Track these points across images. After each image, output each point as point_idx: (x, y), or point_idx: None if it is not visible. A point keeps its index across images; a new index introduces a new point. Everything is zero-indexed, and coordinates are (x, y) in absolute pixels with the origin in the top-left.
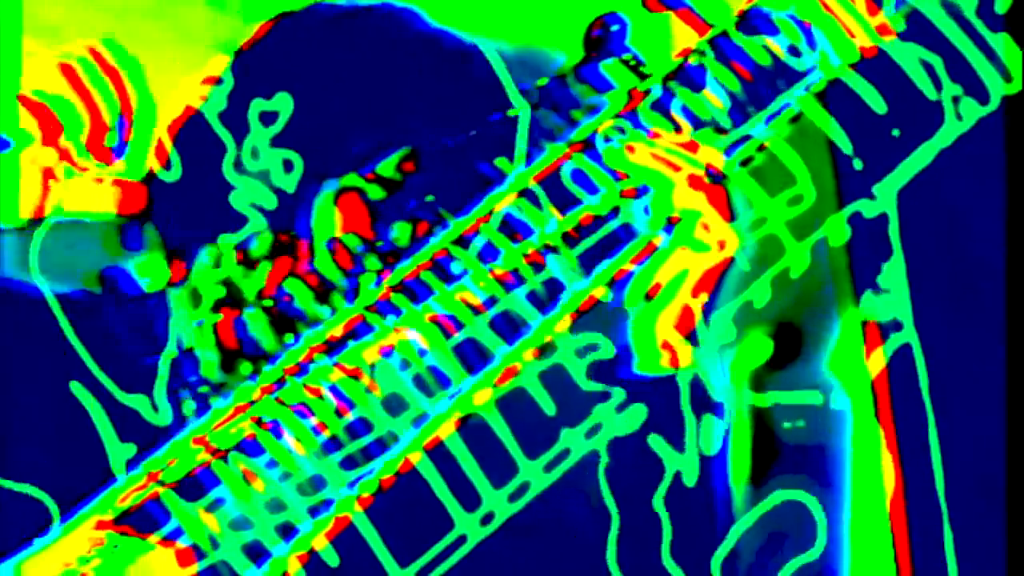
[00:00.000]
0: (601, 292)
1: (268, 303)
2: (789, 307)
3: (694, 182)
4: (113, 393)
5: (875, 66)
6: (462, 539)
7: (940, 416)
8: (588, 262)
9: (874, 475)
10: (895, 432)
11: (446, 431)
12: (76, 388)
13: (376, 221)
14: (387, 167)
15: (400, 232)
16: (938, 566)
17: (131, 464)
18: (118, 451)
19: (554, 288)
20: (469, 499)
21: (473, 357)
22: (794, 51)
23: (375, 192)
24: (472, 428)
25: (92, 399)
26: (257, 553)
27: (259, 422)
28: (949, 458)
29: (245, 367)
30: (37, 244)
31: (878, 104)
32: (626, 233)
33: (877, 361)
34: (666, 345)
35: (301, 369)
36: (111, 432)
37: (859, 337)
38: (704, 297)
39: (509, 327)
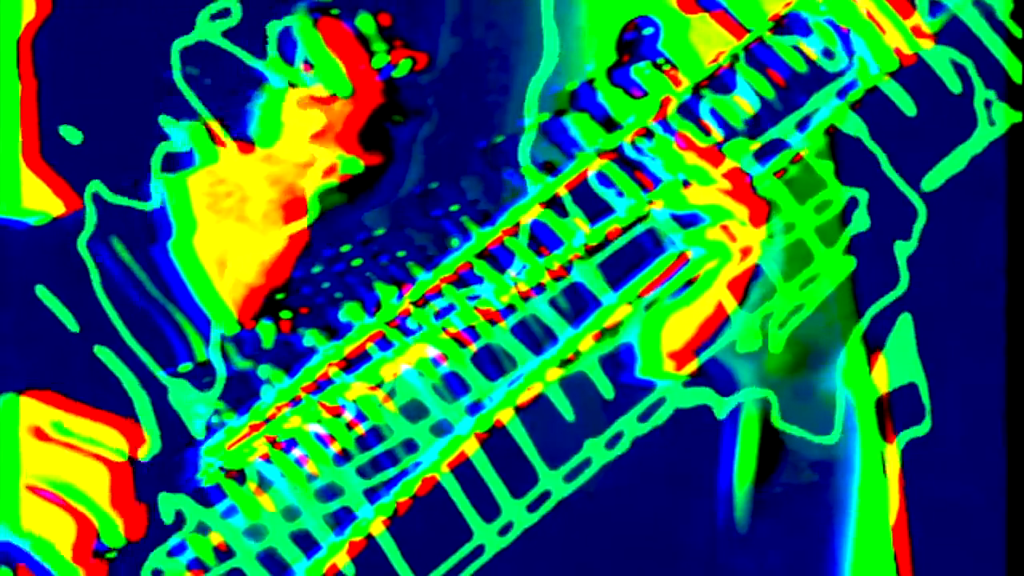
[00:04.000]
0: (628, 309)
1: None
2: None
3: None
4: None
5: (906, 68)
6: (480, 549)
7: (940, 416)
8: (615, 276)
9: (874, 476)
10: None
11: (467, 450)
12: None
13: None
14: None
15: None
16: (938, 566)
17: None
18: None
19: (580, 303)
20: (488, 509)
21: (495, 374)
22: (828, 55)
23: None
24: (491, 437)
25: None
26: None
27: (273, 442)
28: (949, 458)
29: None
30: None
31: (908, 107)
32: (654, 246)
33: (881, 374)
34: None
35: (318, 387)
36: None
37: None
38: (733, 305)
39: (533, 343)
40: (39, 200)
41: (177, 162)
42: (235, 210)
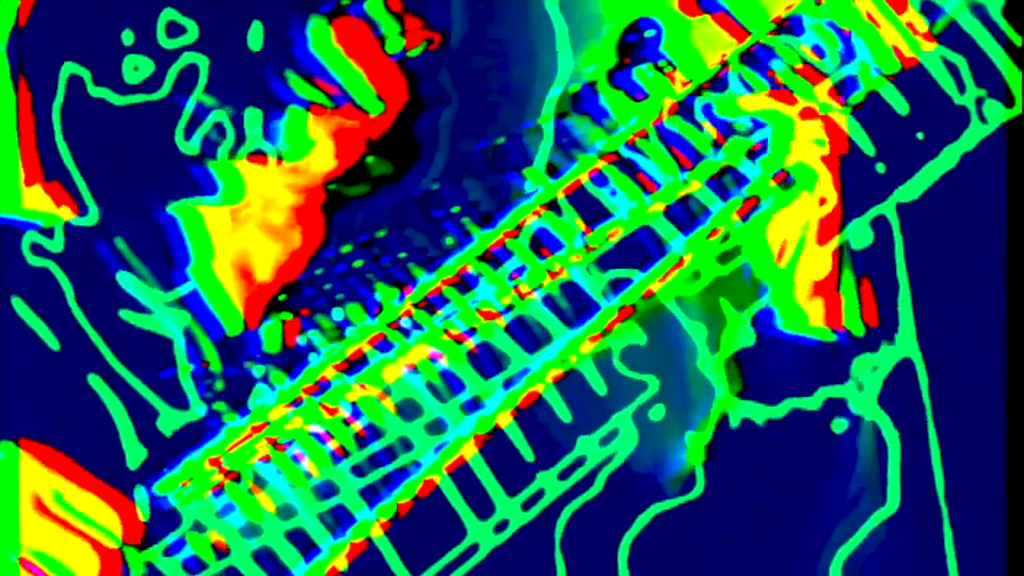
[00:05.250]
0: (629, 311)
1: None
2: None
3: (807, 113)
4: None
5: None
6: (474, 548)
7: (940, 416)
8: (617, 278)
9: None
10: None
11: (467, 453)
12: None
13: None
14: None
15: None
16: (938, 566)
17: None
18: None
19: (581, 306)
20: (482, 507)
21: (495, 376)
22: (819, 52)
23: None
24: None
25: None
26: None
27: (275, 443)
28: (949, 458)
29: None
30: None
31: (900, 105)
32: (657, 248)
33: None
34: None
35: (320, 388)
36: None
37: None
38: (835, 242)
39: (533, 345)
40: (39, 201)
41: (197, 191)
42: (255, 217)
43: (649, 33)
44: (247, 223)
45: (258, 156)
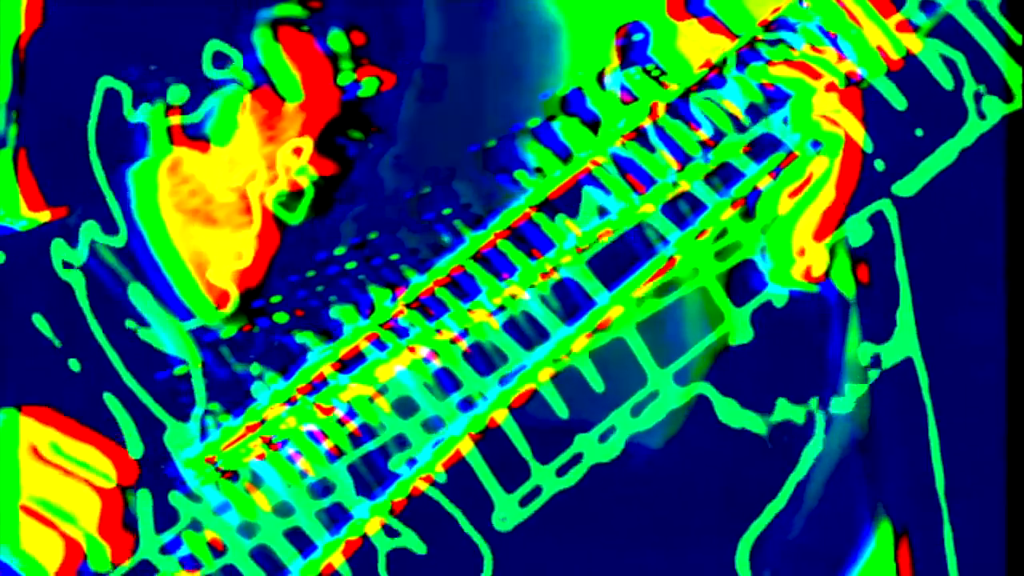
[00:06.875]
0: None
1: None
2: None
3: (830, 87)
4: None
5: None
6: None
7: (940, 416)
8: (607, 278)
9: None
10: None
11: (462, 450)
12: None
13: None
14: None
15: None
16: (938, 566)
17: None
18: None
19: (573, 304)
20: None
21: (488, 374)
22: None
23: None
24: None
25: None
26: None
27: (269, 442)
28: (949, 458)
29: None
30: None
31: (898, 101)
32: (646, 248)
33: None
34: (802, 255)
35: (314, 388)
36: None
37: None
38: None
39: (526, 343)
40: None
41: (132, 152)
42: (202, 211)
43: (638, 37)
44: (196, 219)
45: (198, 142)
